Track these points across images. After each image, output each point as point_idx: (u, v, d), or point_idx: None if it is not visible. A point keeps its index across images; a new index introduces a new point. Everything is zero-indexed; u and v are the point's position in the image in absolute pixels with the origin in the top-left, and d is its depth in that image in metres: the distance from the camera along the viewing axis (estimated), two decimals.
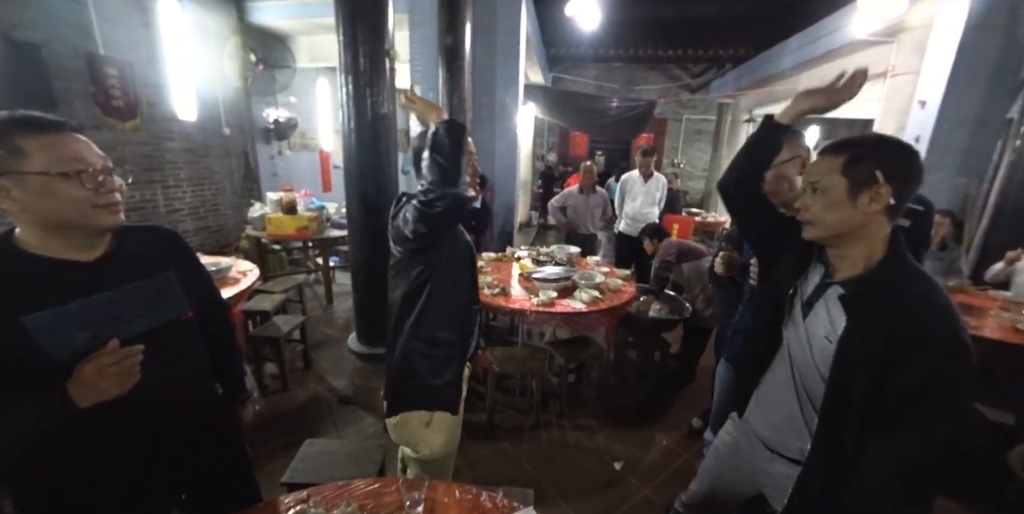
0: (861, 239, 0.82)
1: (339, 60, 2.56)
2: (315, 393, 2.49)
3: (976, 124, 3.34)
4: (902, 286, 0.78)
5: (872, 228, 0.81)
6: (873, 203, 0.78)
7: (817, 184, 0.83)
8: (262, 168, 4.96)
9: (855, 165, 0.79)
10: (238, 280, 2.21)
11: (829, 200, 0.81)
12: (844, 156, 0.81)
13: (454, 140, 1.07)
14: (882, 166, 0.77)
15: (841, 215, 0.81)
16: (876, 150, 0.80)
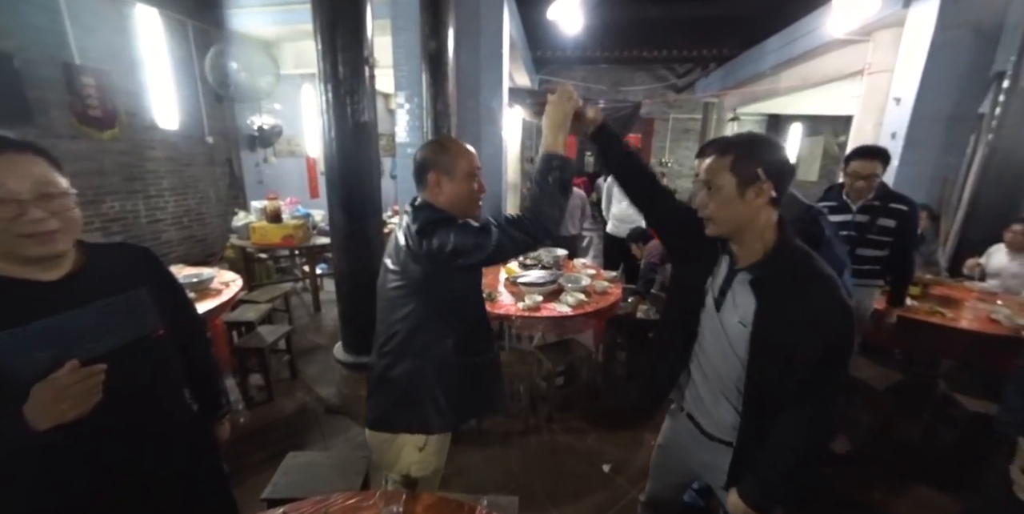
0: (755, 229, 0.91)
1: (318, 68, 2.57)
2: (302, 403, 2.47)
3: (950, 120, 3.42)
4: (796, 265, 0.89)
5: (762, 219, 0.90)
6: (759, 197, 0.87)
7: (711, 182, 0.91)
8: (247, 176, 4.92)
9: (740, 164, 0.87)
10: (220, 291, 2.19)
11: (722, 197, 0.89)
12: (730, 156, 0.88)
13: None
14: (763, 164, 0.86)
15: (734, 210, 0.89)
16: (756, 150, 0.89)
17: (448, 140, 1.20)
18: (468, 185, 1.15)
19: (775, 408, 0.91)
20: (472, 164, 1.16)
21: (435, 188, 1.14)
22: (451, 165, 1.12)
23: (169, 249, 4.07)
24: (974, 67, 3.33)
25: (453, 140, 1.20)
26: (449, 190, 1.13)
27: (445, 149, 1.15)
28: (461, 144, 1.18)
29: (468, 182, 1.15)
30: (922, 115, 3.48)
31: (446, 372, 1.16)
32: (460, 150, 1.15)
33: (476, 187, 1.17)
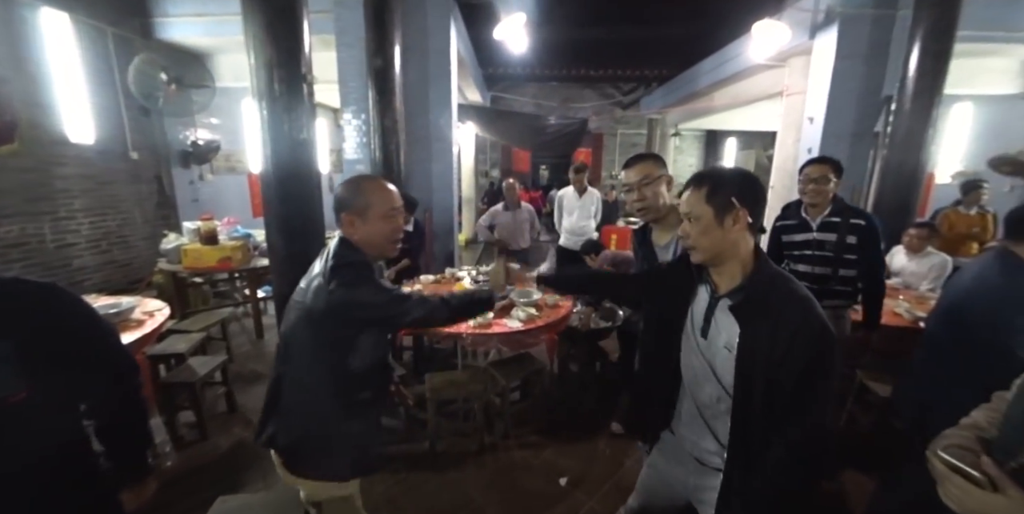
0: (735, 255, 0.96)
1: (251, 84, 2.47)
2: (239, 439, 2.28)
3: (853, 137, 3.85)
4: (773, 288, 0.93)
5: (741, 245, 0.95)
6: (736, 224, 0.93)
7: (690, 214, 0.97)
8: (180, 194, 4.60)
9: (715, 195, 0.94)
10: (143, 322, 2.01)
11: (702, 226, 0.95)
12: (705, 188, 0.95)
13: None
14: (736, 193, 0.93)
15: (714, 237, 0.94)
16: (729, 180, 0.96)
17: (365, 181, 1.20)
18: (382, 226, 1.16)
19: (762, 435, 0.91)
20: (388, 206, 1.16)
21: (349, 228, 1.16)
22: (364, 207, 1.14)
23: (83, 276, 3.69)
24: (868, 91, 3.78)
25: (371, 180, 1.21)
26: (363, 231, 1.16)
27: (360, 190, 1.16)
28: (379, 184, 1.19)
29: (382, 223, 1.16)
30: (831, 132, 3.90)
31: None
32: (375, 191, 1.16)
33: (391, 228, 1.19)
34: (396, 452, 2.23)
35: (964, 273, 1.42)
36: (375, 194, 1.16)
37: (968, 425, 0.89)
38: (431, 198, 4.58)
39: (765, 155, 9.88)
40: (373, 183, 1.19)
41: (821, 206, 2.06)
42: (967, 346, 1.31)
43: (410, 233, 3.42)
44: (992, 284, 1.28)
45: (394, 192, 1.20)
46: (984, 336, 1.26)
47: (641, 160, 1.50)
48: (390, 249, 1.22)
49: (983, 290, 1.31)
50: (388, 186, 1.20)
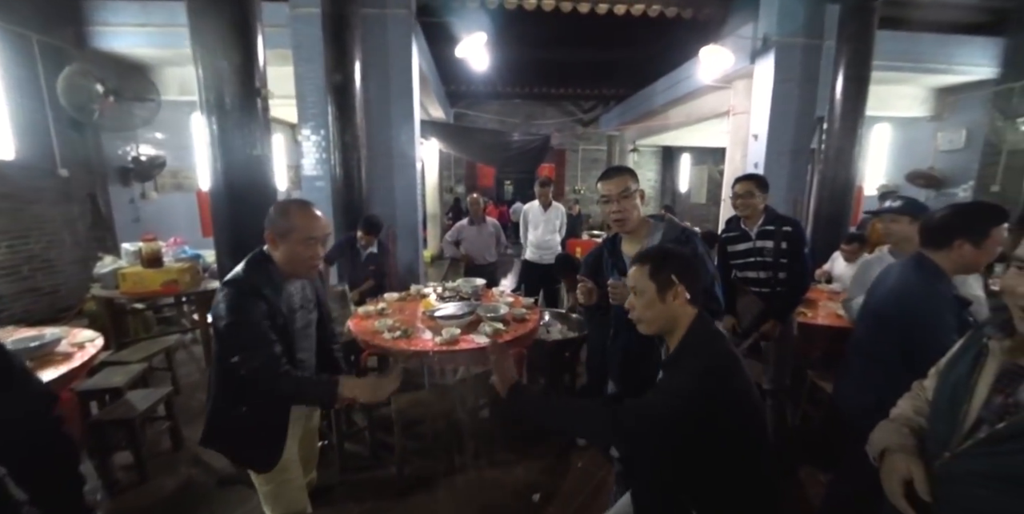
0: (678, 327, 1.06)
1: (199, 98, 2.37)
2: (187, 478, 2.09)
3: (792, 153, 4.17)
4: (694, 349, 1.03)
5: (681, 318, 1.06)
6: (676, 299, 1.03)
7: (635, 288, 1.08)
8: (119, 214, 4.26)
9: (657, 272, 1.04)
10: (70, 355, 1.81)
11: (646, 301, 1.06)
12: (648, 266, 1.06)
13: None
14: (675, 271, 1.04)
15: (656, 311, 1.05)
16: (669, 259, 1.07)
17: (295, 206, 1.25)
18: (299, 251, 1.23)
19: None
20: (308, 233, 1.23)
21: (270, 244, 1.25)
22: (287, 230, 1.21)
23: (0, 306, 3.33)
24: (803, 112, 4.14)
25: (301, 206, 1.25)
26: (281, 251, 1.23)
27: (285, 213, 1.23)
28: (308, 212, 1.25)
29: (300, 248, 1.22)
30: (773, 149, 4.21)
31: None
32: (301, 217, 1.22)
33: (308, 255, 1.24)
34: (361, 479, 2.12)
35: (886, 279, 1.52)
36: (300, 220, 1.22)
37: (898, 417, 0.97)
38: (395, 214, 4.51)
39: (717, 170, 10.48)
40: (302, 209, 1.25)
41: (753, 217, 2.31)
42: (888, 346, 1.41)
43: (375, 254, 3.34)
44: (911, 290, 1.39)
45: (320, 222, 1.26)
46: (904, 336, 1.37)
47: (619, 173, 1.56)
48: (305, 273, 1.30)
49: (903, 295, 1.41)
50: (316, 214, 1.26)
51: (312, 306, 1.41)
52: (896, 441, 0.87)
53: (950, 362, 0.90)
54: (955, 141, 5.18)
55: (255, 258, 1.25)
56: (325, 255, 3.32)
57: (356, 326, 2.37)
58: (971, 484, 0.73)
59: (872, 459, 0.90)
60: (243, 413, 1.24)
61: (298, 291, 1.35)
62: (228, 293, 1.17)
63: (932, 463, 0.79)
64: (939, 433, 0.82)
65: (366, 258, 3.30)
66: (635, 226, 1.56)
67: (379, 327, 2.26)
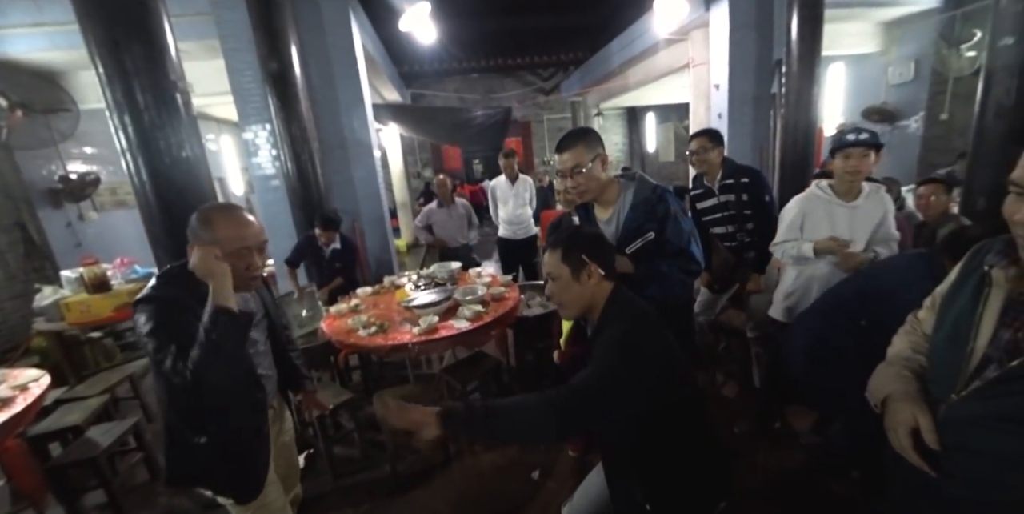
0: (597, 303, 1.06)
1: (105, 97, 2.12)
2: (168, 509, 1.99)
3: (755, 101, 4.11)
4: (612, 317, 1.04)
5: (599, 294, 1.06)
6: (591, 278, 1.03)
7: (551, 274, 1.07)
8: (56, 240, 3.95)
9: (568, 255, 1.04)
10: (12, 399, 1.65)
11: (563, 284, 1.06)
12: (560, 250, 1.05)
13: None
14: (584, 250, 1.04)
15: (574, 292, 1.05)
16: (576, 241, 1.06)
17: (217, 213, 1.08)
18: (231, 263, 1.05)
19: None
20: (240, 243, 1.07)
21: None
22: (212, 240, 1.04)
23: None
24: (762, 57, 4.04)
25: (224, 213, 1.09)
26: None
27: (207, 222, 1.05)
28: (233, 218, 1.07)
29: (232, 260, 1.05)
30: (735, 98, 4.13)
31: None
32: (226, 227, 1.06)
33: (242, 266, 1.07)
34: (354, 482, 2.08)
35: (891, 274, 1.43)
36: (226, 228, 1.05)
37: (896, 357, 0.91)
38: (358, 207, 4.32)
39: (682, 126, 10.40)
40: (227, 216, 1.07)
41: (712, 172, 2.29)
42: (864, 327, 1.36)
43: (338, 250, 3.19)
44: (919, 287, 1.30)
45: (252, 229, 1.09)
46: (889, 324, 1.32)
47: (572, 144, 1.39)
48: (244, 285, 1.12)
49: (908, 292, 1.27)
50: (246, 220, 1.08)
51: (259, 317, 1.28)
52: (898, 388, 0.81)
53: (948, 295, 0.82)
54: (904, 74, 5.20)
55: (171, 271, 1.09)
56: (286, 259, 3.20)
57: (329, 327, 2.27)
58: (981, 427, 0.68)
59: (873, 406, 0.85)
60: (210, 440, 1.10)
61: (240, 304, 1.17)
62: (143, 309, 1.01)
63: (937, 407, 0.74)
64: (942, 373, 0.76)
65: (330, 255, 3.15)
66: (600, 193, 1.46)
67: (354, 325, 2.17)
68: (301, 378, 1.45)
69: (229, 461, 1.14)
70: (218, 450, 1.11)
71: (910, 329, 0.95)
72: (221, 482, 1.16)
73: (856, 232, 1.74)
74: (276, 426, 1.35)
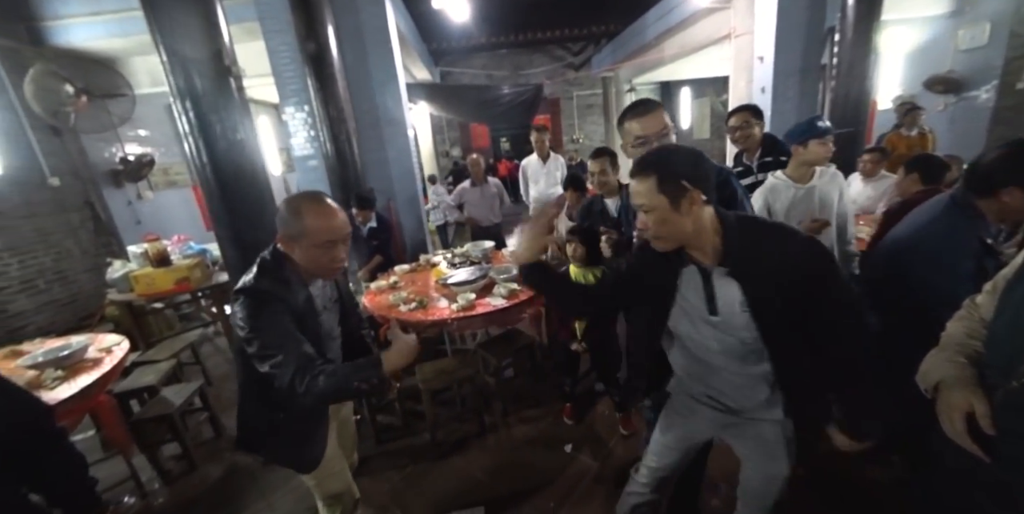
0: (702, 230, 0.94)
1: (168, 83, 2.24)
2: (232, 463, 2.20)
3: (802, 73, 3.85)
4: (749, 238, 0.94)
5: (703, 220, 0.93)
6: (693, 205, 0.91)
7: (645, 206, 0.93)
8: (119, 218, 4.24)
9: (665, 183, 0.90)
10: (100, 360, 1.85)
11: (660, 217, 0.92)
12: (653, 177, 0.91)
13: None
14: (684, 175, 0.89)
15: (675, 224, 0.92)
16: (672, 163, 0.92)
17: (307, 203, 1.07)
18: (317, 256, 1.08)
19: (804, 358, 0.97)
20: (326, 237, 1.07)
21: (285, 247, 1.11)
22: (299, 234, 1.06)
23: (22, 321, 3.39)
24: (812, 24, 3.76)
25: (314, 203, 1.08)
26: (297, 254, 1.10)
27: (297, 213, 1.06)
28: (322, 211, 1.07)
29: (317, 252, 1.07)
30: (781, 70, 3.88)
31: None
32: (315, 219, 1.06)
33: (328, 258, 1.10)
34: (396, 448, 2.22)
35: (916, 217, 1.44)
36: (315, 220, 1.06)
37: (949, 342, 0.89)
38: (392, 186, 4.40)
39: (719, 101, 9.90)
40: (316, 207, 1.07)
41: (752, 149, 2.23)
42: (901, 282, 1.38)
43: (375, 229, 3.29)
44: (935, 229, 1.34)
45: (339, 221, 1.09)
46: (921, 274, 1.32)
47: (654, 108, 1.29)
48: (327, 275, 1.17)
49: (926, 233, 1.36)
50: (334, 211, 1.09)
51: (334, 304, 1.33)
52: (952, 373, 0.80)
53: (1013, 279, 0.80)
54: (977, 37, 4.68)
55: (267, 261, 1.11)
56: None
57: (371, 302, 2.38)
58: None
59: (924, 391, 0.85)
60: (279, 419, 1.17)
61: (319, 291, 1.23)
62: (242, 302, 1.05)
63: (993, 392, 0.74)
64: (1001, 359, 0.75)
65: (368, 233, 3.26)
66: None
67: (394, 300, 2.27)
68: (370, 351, 1.49)
69: (296, 435, 1.21)
70: (289, 426, 1.19)
71: (966, 314, 0.93)
72: (286, 453, 1.24)
73: (823, 210, 1.83)
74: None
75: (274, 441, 1.21)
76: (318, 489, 1.34)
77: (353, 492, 1.39)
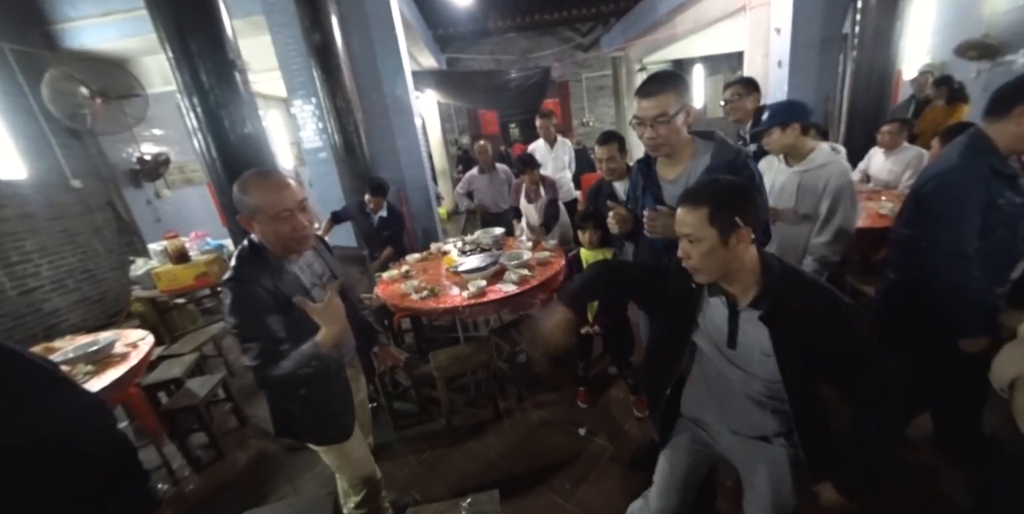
0: (743, 269, 0.93)
1: (176, 80, 2.27)
2: (258, 450, 2.28)
3: (822, 44, 3.66)
4: (787, 286, 0.92)
5: (746, 257, 0.92)
6: (740, 242, 0.89)
7: (691, 236, 0.90)
8: (140, 217, 4.38)
9: (718, 216, 0.87)
10: (127, 355, 1.92)
11: (706, 249, 0.89)
12: (706, 208, 0.88)
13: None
14: (739, 211, 0.87)
15: (719, 259, 0.90)
16: (730, 198, 0.89)
17: (251, 180, 1.09)
18: (276, 228, 1.09)
19: (820, 402, 0.97)
20: (278, 207, 1.08)
21: (248, 228, 1.13)
22: (253, 210, 1.08)
23: (57, 318, 3.56)
24: None
25: (259, 179, 1.09)
26: (260, 232, 1.12)
27: (245, 192, 1.08)
28: (268, 183, 1.09)
29: (276, 225, 1.09)
30: (799, 42, 3.70)
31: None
32: (261, 192, 1.07)
33: (288, 228, 1.11)
34: (414, 434, 2.27)
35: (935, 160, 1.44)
36: (261, 195, 1.07)
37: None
38: (402, 176, 4.41)
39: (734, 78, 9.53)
40: (261, 182, 1.08)
41: (744, 120, 2.22)
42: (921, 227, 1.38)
43: (385, 219, 3.30)
44: (947, 164, 1.32)
45: (287, 191, 1.10)
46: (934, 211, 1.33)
47: (661, 90, 1.21)
48: (293, 246, 1.16)
49: (940, 169, 1.34)
50: (280, 183, 1.10)
51: (326, 279, 1.34)
52: None
53: None
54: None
55: (243, 249, 1.15)
56: (333, 211, 3.34)
57: (384, 291, 2.41)
58: None
59: (999, 389, 0.82)
60: (304, 394, 1.19)
61: (305, 268, 1.25)
62: (225, 292, 1.09)
63: None
64: None
65: (378, 223, 3.28)
66: (679, 149, 1.31)
67: (406, 289, 2.29)
68: (375, 334, 1.56)
69: (322, 408, 1.25)
70: (312, 400, 1.22)
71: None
72: (322, 429, 1.27)
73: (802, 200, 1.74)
74: (354, 385, 1.44)
75: (307, 417, 1.24)
76: (342, 472, 1.38)
77: (376, 473, 1.43)
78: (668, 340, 1.09)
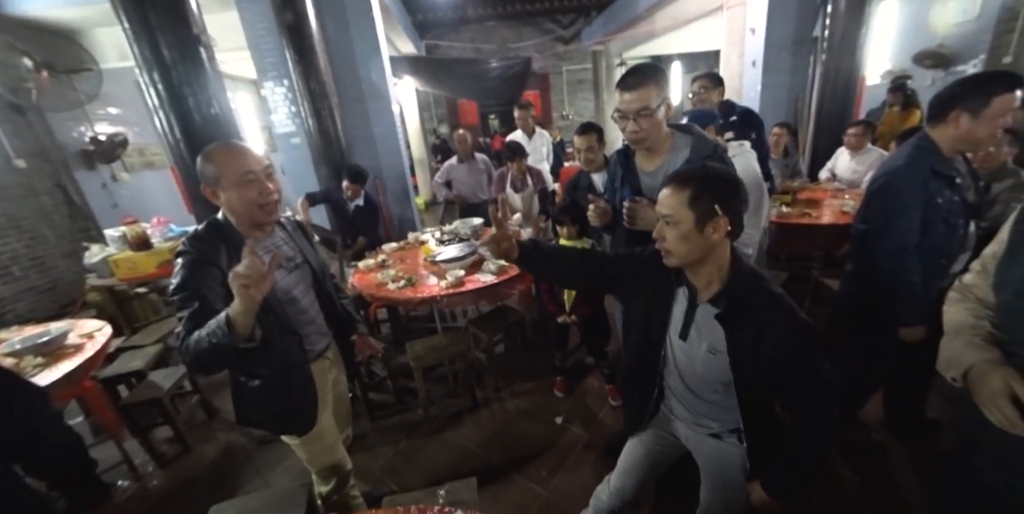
0: (712, 261, 0.93)
1: (133, 53, 2.12)
2: (227, 444, 2.21)
3: (794, 45, 3.80)
4: (751, 291, 0.93)
5: (718, 251, 0.93)
6: (715, 232, 0.88)
7: (670, 218, 0.91)
8: (94, 201, 4.08)
9: (698, 200, 0.87)
10: (82, 346, 1.81)
11: (681, 232, 0.90)
12: (688, 191, 0.88)
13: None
14: (719, 200, 0.87)
15: (692, 244, 0.90)
16: (712, 185, 0.89)
17: (215, 148, 1.10)
18: (242, 193, 1.08)
19: (768, 405, 1.02)
20: (241, 170, 1.07)
21: (215, 200, 1.11)
22: (216, 176, 1.08)
23: (2, 308, 3.32)
24: None
25: (222, 146, 1.10)
26: (226, 202, 1.10)
27: (208, 159, 1.08)
28: (230, 149, 1.09)
29: (241, 190, 1.08)
30: (773, 43, 3.82)
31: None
32: (224, 157, 1.08)
33: (255, 192, 1.10)
34: (390, 424, 2.25)
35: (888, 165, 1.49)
36: (224, 160, 1.07)
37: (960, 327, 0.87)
38: (379, 164, 4.30)
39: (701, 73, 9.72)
40: (223, 148, 1.09)
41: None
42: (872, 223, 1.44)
43: (361, 208, 3.22)
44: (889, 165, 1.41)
45: (250, 156, 1.10)
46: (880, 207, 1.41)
47: (643, 83, 1.22)
48: (261, 215, 1.13)
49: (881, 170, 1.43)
50: (242, 150, 1.10)
51: (298, 262, 1.29)
52: (979, 356, 0.77)
53: (1007, 255, 0.80)
54: (969, 10, 4.58)
55: (199, 228, 1.13)
56: (309, 194, 3.23)
57: (359, 281, 2.36)
58: None
59: (951, 379, 0.82)
60: (261, 383, 1.17)
61: (272, 249, 1.20)
62: (175, 264, 1.06)
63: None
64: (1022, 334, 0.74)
65: (353, 212, 3.19)
66: (659, 142, 1.33)
67: (383, 279, 2.25)
68: (354, 322, 1.52)
69: (282, 397, 1.22)
70: (272, 391, 1.20)
71: (960, 297, 0.92)
72: (282, 419, 1.25)
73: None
74: (332, 374, 1.42)
75: (266, 406, 1.22)
76: (312, 463, 1.36)
77: (346, 464, 1.42)
78: (643, 330, 1.11)
